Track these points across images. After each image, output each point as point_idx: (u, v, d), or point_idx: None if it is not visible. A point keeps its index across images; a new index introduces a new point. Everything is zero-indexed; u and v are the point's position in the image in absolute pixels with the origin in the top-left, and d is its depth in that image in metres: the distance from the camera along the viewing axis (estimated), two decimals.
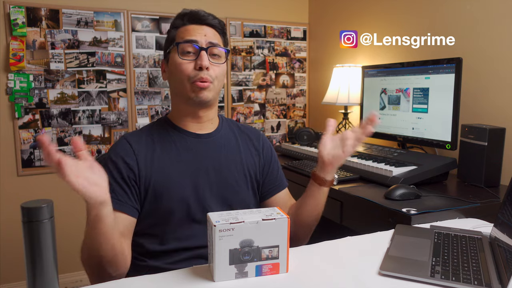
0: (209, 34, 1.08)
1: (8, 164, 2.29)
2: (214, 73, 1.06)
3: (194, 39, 1.06)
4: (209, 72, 1.05)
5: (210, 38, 1.07)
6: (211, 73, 1.06)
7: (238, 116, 2.84)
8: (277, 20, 2.90)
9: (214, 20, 1.11)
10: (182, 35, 1.08)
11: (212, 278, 0.81)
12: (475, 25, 1.76)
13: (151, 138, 1.09)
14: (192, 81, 1.05)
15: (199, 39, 1.06)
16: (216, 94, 1.10)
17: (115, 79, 2.47)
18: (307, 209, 1.08)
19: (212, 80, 1.06)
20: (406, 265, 0.86)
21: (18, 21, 2.21)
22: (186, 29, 1.08)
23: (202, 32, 1.07)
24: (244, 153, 1.16)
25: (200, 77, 1.04)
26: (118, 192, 1.01)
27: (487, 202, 1.32)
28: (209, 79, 1.05)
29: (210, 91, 1.06)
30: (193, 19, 1.09)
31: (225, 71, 1.12)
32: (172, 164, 1.06)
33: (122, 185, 1.02)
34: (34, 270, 0.59)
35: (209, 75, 1.05)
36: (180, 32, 1.09)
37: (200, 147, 1.10)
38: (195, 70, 1.04)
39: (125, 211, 1.00)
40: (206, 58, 1.04)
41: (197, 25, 1.09)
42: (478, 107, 1.75)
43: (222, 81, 1.11)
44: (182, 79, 1.05)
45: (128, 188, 1.02)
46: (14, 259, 2.32)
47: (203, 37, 1.06)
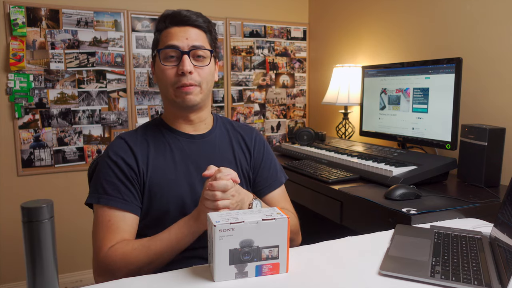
0: (192, 36, 1.05)
1: (8, 164, 2.29)
2: (199, 77, 1.05)
3: (175, 44, 1.03)
4: (193, 76, 1.03)
5: (193, 40, 1.04)
6: (195, 77, 1.04)
7: (238, 116, 2.84)
8: (277, 20, 2.90)
9: (198, 19, 1.07)
10: (164, 39, 1.05)
11: (212, 278, 0.81)
12: (475, 25, 1.76)
13: (146, 138, 1.09)
14: (175, 86, 1.04)
15: (180, 43, 1.03)
16: (205, 96, 1.09)
17: (115, 79, 2.47)
18: None
19: (197, 83, 1.04)
20: (406, 265, 0.86)
21: (18, 21, 2.21)
22: (169, 32, 1.05)
23: (184, 35, 1.04)
24: (237, 153, 1.15)
25: (183, 83, 1.02)
26: (123, 192, 1.01)
27: (487, 202, 1.32)
28: (193, 83, 1.03)
29: (196, 94, 1.05)
30: (175, 21, 1.05)
31: (212, 71, 1.09)
32: (167, 165, 1.06)
33: (127, 184, 1.02)
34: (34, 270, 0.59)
35: (193, 79, 1.03)
36: (163, 36, 1.06)
37: (194, 148, 1.10)
38: (178, 75, 1.03)
39: (131, 210, 1.01)
40: (187, 63, 1.02)
41: (179, 27, 1.05)
42: (478, 107, 1.75)
43: (210, 82, 1.09)
44: (166, 85, 1.05)
45: (132, 187, 1.02)
46: (14, 259, 2.32)
47: (184, 40, 1.03)
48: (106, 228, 0.98)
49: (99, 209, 1.01)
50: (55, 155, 2.38)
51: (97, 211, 1.02)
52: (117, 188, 1.00)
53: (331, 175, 1.63)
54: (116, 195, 1.00)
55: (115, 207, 0.99)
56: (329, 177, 1.61)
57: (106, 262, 0.95)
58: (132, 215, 1.01)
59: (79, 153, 2.43)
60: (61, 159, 2.39)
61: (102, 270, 0.96)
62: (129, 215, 1.00)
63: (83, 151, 2.44)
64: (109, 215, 0.99)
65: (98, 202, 1.00)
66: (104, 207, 1.00)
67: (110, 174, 1.02)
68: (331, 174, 1.65)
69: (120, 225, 0.98)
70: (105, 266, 0.95)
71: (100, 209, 1.01)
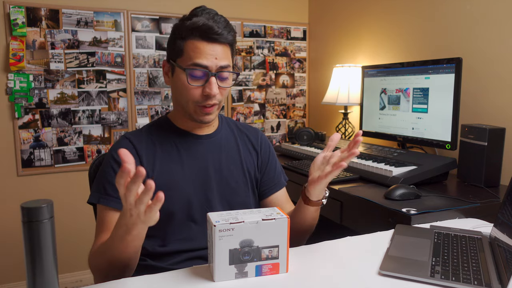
0: (220, 55, 1.00)
1: (8, 164, 2.29)
2: (221, 96, 1.04)
3: (204, 64, 0.98)
4: (216, 96, 1.02)
5: (221, 60, 1.00)
6: (218, 97, 1.03)
7: (238, 116, 2.84)
8: (277, 20, 2.90)
9: (228, 36, 1.01)
10: (191, 54, 0.99)
11: (212, 278, 0.81)
12: (475, 25, 1.76)
13: (151, 138, 1.08)
14: (197, 104, 1.02)
15: (209, 63, 0.98)
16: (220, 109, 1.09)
17: (115, 79, 2.47)
18: (294, 221, 1.05)
19: (218, 103, 1.04)
20: (406, 265, 0.86)
21: (18, 21, 2.21)
22: (196, 46, 0.99)
23: (213, 54, 0.99)
24: (243, 153, 1.16)
25: (208, 103, 1.01)
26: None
27: (487, 202, 1.32)
28: (216, 103, 1.03)
29: (214, 113, 1.05)
30: (204, 36, 0.98)
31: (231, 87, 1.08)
32: (173, 165, 1.06)
33: None
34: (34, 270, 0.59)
35: (216, 99, 1.02)
36: (189, 48, 0.99)
37: (200, 148, 1.10)
38: (203, 95, 1.01)
39: None
40: (215, 86, 0.99)
41: (208, 43, 0.99)
42: (478, 107, 1.75)
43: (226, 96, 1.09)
44: (188, 100, 1.02)
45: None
46: (14, 259, 2.32)
47: (213, 60, 0.99)
48: (101, 228, 0.99)
49: (99, 208, 1.02)
50: (55, 155, 2.38)
51: (98, 210, 1.03)
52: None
53: None
54: (116, 196, 1.00)
55: (114, 208, 0.99)
56: None
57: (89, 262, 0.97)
58: None
59: (79, 153, 2.43)
60: (61, 159, 2.39)
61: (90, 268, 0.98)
62: None
63: (83, 151, 2.44)
64: (105, 215, 0.99)
65: (99, 202, 1.01)
66: (103, 207, 1.00)
67: (112, 174, 1.02)
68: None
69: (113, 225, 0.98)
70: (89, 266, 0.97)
71: (100, 209, 1.01)
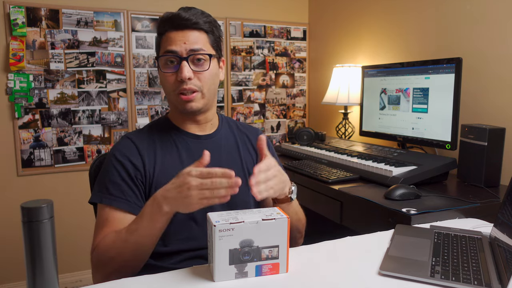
0: (190, 39, 1.01)
1: (8, 164, 2.29)
2: (200, 82, 1.03)
3: (173, 49, 1.01)
4: (192, 81, 1.02)
5: (191, 44, 1.01)
6: (195, 82, 1.02)
7: (238, 116, 2.84)
8: (277, 20, 2.90)
9: (198, 21, 1.03)
10: (164, 44, 1.03)
11: (212, 278, 0.81)
12: (475, 25, 1.76)
13: (152, 138, 1.09)
14: (176, 92, 1.03)
15: (178, 48, 1.01)
16: (208, 100, 1.07)
17: (115, 79, 2.47)
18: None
19: (198, 89, 1.03)
20: (406, 265, 0.86)
21: (18, 21, 2.21)
22: (168, 37, 1.03)
23: (182, 39, 1.01)
24: (243, 153, 1.16)
25: (183, 88, 1.01)
26: (127, 193, 1.00)
27: (487, 202, 1.32)
28: (193, 88, 1.02)
29: (197, 101, 1.04)
30: (174, 24, 1.02)
31: (214, 73, 1.07)
32: (174, 165, 1.06)
33: (131, 185, 1.01)
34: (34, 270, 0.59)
35: (193, 85, 1.02)
36: (163, 41, 1.04)
37: (200, 148, 1.10)
38: (178, 82, 1.02)
39: (133, 212, 1.00)
40: (186, 69, 1.00)
41: (178, 31, 1.02)
42: (478, 107, 1.75)
43: (213, 84, 1.07)
44: (168, 91, 1.05)
45: (136, 188, 1.02)
46: (14, 259, 2.32)
47: (182, 45, 1.01)
48: (102, 227, 0.99)
49: (101, 208, 1.02)
50: (55, 155, 2.38)
51: (99, 210, 1.02)
52: (121, 188, 1.00)
53: (331, 175, 1.63)
54: (119, 195, 1.00)
55: (116, 208, 0.99)
56: (329, 177, 1.61)
57: (94, 258, 0.96)
58: (132, 216, 1.00)
59: (79, 153, 2.43)
60: (61, 159, 2.39)
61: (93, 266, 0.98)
62: (130, 216, 1.00)
63: (83, 151, 2.44)
64: (107, 214, 0.99)
65: (101, 202, 1.00)
66: (106, 206, 1.00)
67: (115, 174, 1.02)
68: (331, 174, 1.65)
69: (116, 224, 0.98)
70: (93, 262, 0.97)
71: (102, 208, 1.01)
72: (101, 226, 1.00)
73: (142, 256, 0.94)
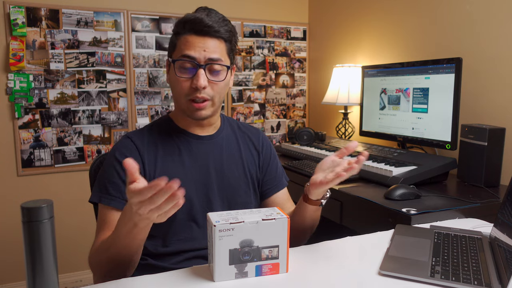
0: (210, 47, 0.99)
1: (8, 164, 2.29)
2: (213, 91, 1.02)
3: (192, 55, 0.98)
4: (206, 90, 1.01)
5: (211, 52, 0.99)
6: (208, 91, 1.01)
7: (238, 116, 2.84)
8: (277, 20, 2.90)
9: (220, 29, 1.00)
10: (181, 47, 1.00)
11: (212, 278, 0.81)
12: (475, 25, 1.76)
13: (153, 138, 1.08)
14: (188, 98, 1.02)
15: (197, 55, 0.98)
16: (217, 107, 1.07)
17: (115, 79, 2.47)
18: (295, 219, 1.06)
19: (210, 98, 1.02)
20: (406, 265, 0.86)
21: (18, 21, 2.21)
22: (186, 40, 1.00)
23: (202, 46, 0.99)
24: (245, 153, 1.16)
25: (196, 96, 1.00)
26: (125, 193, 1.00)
27: (487, 202, 1.32)
28: (206, 97, 1.01)
29: (207, 109, 1.03)
30: (195, 29, 0.99)
31: (227, 83, 1.05)
32: (175, 165, 1.06)
33: None
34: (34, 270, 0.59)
35: (206, 94, 1.01)
36: (180, 43, 1.01)
37: (202, 148, 1.10)
38: (191, 88, 1.00)
39: None
40: (203, 78, 0.99)
41: (198, 37, 0.99)
42: (478, 107, 1.75)
43: (223, 94, 1.06)
44: (179, 95, 1.03)
45: None
46: (14, 259, 2.32)
47: (202, 52, 0.99)
48: (101, 227, 0.99)
49: (100, 208, 1.02)
50: (55, 155, 2.38)
51: (99, 210, 1.03)
52: (119, 188, 1.00)
53: None
54: (117, 195, 1.00)
55: (114, 207, 0.99)
56: None
57: (89, 261, 0.97)
58: None
59: (79, 153, 2.43)
60: (61, 159, 2.39)
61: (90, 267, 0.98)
62: None
63: (83, 151, 2.44)
64: (106, 214, 1.00)
65: (100, 201, 1.01)
66: (105, 206, 1.00)
67: (114, 174, 1.02)
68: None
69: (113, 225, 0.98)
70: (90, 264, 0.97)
71: (101, 208, 1.01)
72: (100, 227, 1.00)
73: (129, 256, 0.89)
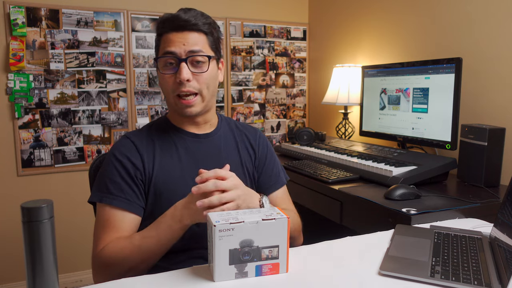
0: (190, 40, 1.01)
1: (8, 164, 2.29)
2: (199, 83, 1.03)
3: (172, 50, 1.00)
4: (191, 83, 1.01)
5: (191, 45, 1.01)
6: (194, 84, 1.02)
7: (238, 116, 2.84)
8: (277, 20, 2.90)
9: (197, 22, 1.02)
10: (163, 45, 1.03)
11: (212, 278, 0.81)
12: (475, 25, 1.76)
13: (151, 138, 1.09)
14: (175, 94, 1.03)
15: (177, 49, 1.00)
16: (208, 102, 1.07)
17: (115, 79, 2.47)
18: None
19: (197, 91, 1.03)
20: (406, 265, 0.86)
21: (18, 21, 2.21)
22: (167, 37, 1.02)
23: (182, 40, 1.01)
24: (242, 152, 1.16)
25: (181, 91, 1.01)
26: (126, 192, 1.01)
27: (487, 202, 1.32)
28: (192, 90, 1.02)
29: (197, 105, 1.04)
30: (173, 26, 1.02)
31: (213, 75, 1.06)
32: (173, 165, 1.06)
33: (131, 184, 1.02)
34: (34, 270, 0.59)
35: (191, 87, 1.02)
36: (162, 42, 1.04)
37: (199, 147, 1.10)
38: (177, 83, 1.01)
39: (133, 210, 1.01)
40: (185, 70, 1.00)
41: (177, 33, 1.01)
42: (478, 107, 1.75)
43: (212, 85, 1.07)
44: (167, 92, 1.05)
45: (136, 187, 1.02)
46: (14, 259, 2.32)
47: (182, 46, 1.00)
48: (103, 227, 0.99)
49: (100, 207, 1.02)
50: (55, 155, 2.38)
51: (99, 210, 1.02)
52: (120, 187, 1.00)
53: (331, 175, 1.63)
54: (119, 194, 1.00)
55: (116, 207, 0.99)
56: (329, 177, 1.61)
57: (99, 261, 0.96)
58: (133, 215, 1.01)
59: (79, 153, 2.43)
60: (61, 159, 2.39)
61: (97, 268, 0.97)
62: (130, 215, 1.00)
63: (83, 151, 2.44)
64: (108, 214, 0.99)
65: (101, 201, 1.01)
66: (106, 206, 1.00)
67: (114, 173, 1.02)
68: (331, 174, 1.65)
69: (118, 224, 0.98)
70: (98, 265, 0.97)
71: (102, 208, 1.01)
72: (102, 227, 1.00)
73: (152, 262, 0.96)
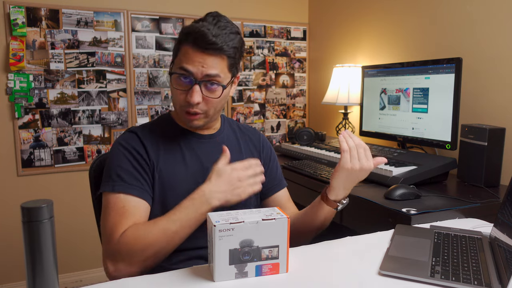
0: (209, 63, 0.97)
1: (8, 164, 2.29)
2: (207, 106, 1.02)
3: (190, 69, 0.97)
4: (200, 106, 1.01)
5: (209, 68, 0.97)
6: (202, 106, 1.01)
7: (238, 116, 2.84)
8: (277, 20, 2.90)
9: (223, 46, 0.97)
10: (181, 57, 1.00)
11: (212, 278, 0.81)
12: (475, 25, 1.76)
13: (155, 135, 1.09)
14: (182, 109, 1.03)
15: (194, 70, 0.97)
16: (212, 118, 1.07)
17: (115, 79, 2.47)
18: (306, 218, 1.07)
19: (203, 112, 1.03)
20: (406, 265, 0.86)
21: (18, 21, 2.21)
22: (187, 51, 0.98)
23: (201, 62, 0.97)
24: (245, 154, 1.16)
25: (189, 110, 1.02)
26: (138, 179, 1.00)
27: (487, 202, 1.32)
28: (198, 112, 1.02)
29: (200, 120, 1.05)
30: (198, 42, 0.96)
31: (223, 98, 1.04)
32: (176, 164, 1.06)
33: (141, 172, 1.01)
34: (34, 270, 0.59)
35: (199, 109, 1.02)
36: (181, 53, 1.00)
37: (203, 147, 1.11)
38: (186, 101, 1.01)
39: (146, 198, 1.00)
40: (197, 95, 0.98)
41: (198, 52, 0.97)
42: (478, 107, 1.75)
43: (219, 107, 1.06)
44: (175, 103, 1.06)
45: (146, 175, 1.02)
46: (14, 259, 2.32)
47: (200, 68, 0.97)
48: (119, 215, 0.96)
49: (113, 197, 0.98)
50: (55, 155, 2.38)
51: (110, 199, 0.99)
52: (133, 175, 1.00)
53: None
54: (132, 182, 0.99)
55: (130, 194, 0.98)
56: (329, 177, 1.60)
57: (119, 248, 0.92)
58: (145, 203, 1.00)
59: (79, 153, 2.43)
60: (61, 159, 2.39)
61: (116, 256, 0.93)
62: (143, 202, 0.99)
63: (83, 151, 2.44)
64: (123, 202, 0.97)
65: (113, 190, 0.98)
66: (119, 194, 0.98)
67: (124, 161, 1.01)
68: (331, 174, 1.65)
69: (133, 211, 0.97)
70: (119, 253, 0.92)
71: (113, 197, 0.98)
72: (119, 214, 0.96)
73: (176, 244, 0.96)
